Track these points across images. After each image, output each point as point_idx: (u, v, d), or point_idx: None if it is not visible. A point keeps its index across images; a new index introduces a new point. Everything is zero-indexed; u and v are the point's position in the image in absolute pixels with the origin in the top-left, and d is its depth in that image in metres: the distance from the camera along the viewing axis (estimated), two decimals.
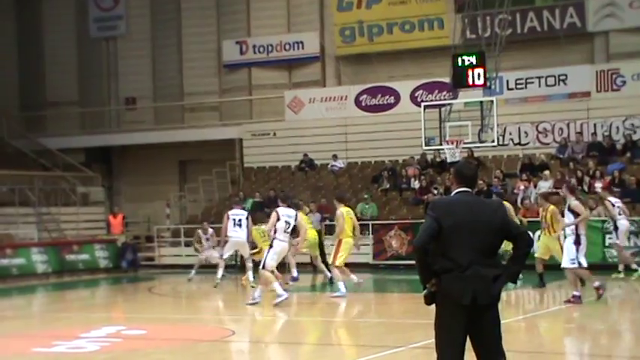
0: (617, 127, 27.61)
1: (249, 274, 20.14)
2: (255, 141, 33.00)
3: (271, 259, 16.23)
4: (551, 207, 18.05)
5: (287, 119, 32.59)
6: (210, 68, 35.51)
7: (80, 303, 19.09)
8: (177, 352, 11.79)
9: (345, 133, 31.62)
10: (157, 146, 34.31)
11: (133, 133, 35.21)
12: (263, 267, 16.23)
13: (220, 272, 20.77)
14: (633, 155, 26.47)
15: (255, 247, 19.93)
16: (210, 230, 24.18)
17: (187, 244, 29.11)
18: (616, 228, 20.57)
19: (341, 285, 17.43)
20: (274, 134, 32.69)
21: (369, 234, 26.09)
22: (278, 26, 34.38)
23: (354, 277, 17.90)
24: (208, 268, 22.63)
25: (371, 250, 26.04)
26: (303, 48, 33.74)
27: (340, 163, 31.04)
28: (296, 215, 16.78)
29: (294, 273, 20.11)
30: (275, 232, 16.26)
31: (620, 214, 20.52)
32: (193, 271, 23.29)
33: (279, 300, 15.90)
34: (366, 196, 27.46)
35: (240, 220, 19.78)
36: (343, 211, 17.72)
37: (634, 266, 20.82)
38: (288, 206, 16.84)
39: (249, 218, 20.11)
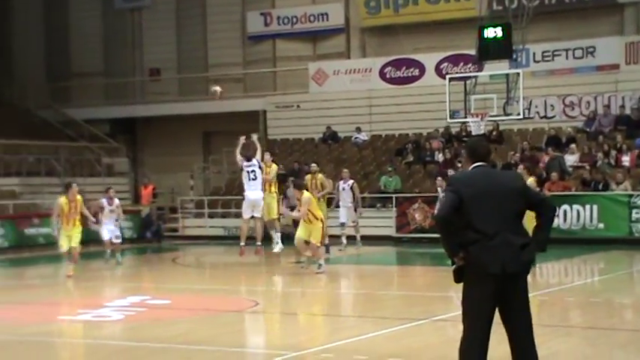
0: None
1: None
2: (278, 113, 32.96)
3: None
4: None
5: (311, 91, 32.49)
6: (234, 39, 35.42)
7: (105, 272, 19.20)
8: (201, 322, 11.83)
9: (369, 106, 31.49)
10: (181, 117, 34.35)
11: (158, 104, 35.28)
12: None
13: (119, 255, 20.13)
14: None
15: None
16: (117, 201, 20.22)
17: (211, 216, 29.23)
18: None
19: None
20: (298, 106, 32.63)
21: (392, 207, 26.05)
22: None
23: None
24: (232, 239, 22.35)
25: (394, 223, 26.00)
26: (327, 19, 33.55)
27: (364, 136, 30.93)
28: None
29: None
30: None
31: None
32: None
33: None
34: (389, 168, 27.37)
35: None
36: None
37: None
38: None
39: None
